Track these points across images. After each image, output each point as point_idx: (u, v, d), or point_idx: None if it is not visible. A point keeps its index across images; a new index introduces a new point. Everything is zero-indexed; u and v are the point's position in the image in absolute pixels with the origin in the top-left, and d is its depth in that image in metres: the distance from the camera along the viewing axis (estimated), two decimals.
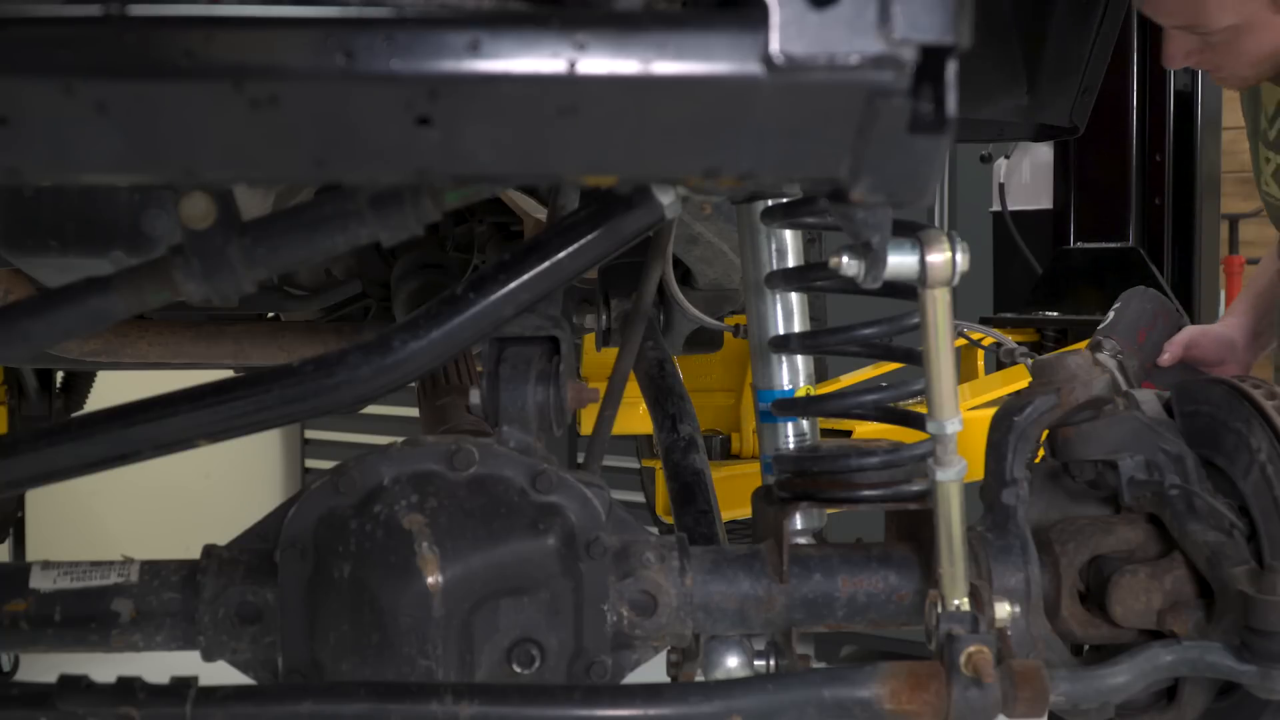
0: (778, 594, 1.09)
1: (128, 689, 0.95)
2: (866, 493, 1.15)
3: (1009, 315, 3.78)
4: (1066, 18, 2.10)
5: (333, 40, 0.65)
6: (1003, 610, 1.03)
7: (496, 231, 2.27)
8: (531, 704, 0.96)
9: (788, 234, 1.46)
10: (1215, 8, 1.90)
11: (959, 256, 0.92)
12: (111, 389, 2.30)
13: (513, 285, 1.00)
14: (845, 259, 0.92)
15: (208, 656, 1.07)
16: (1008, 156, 4.27)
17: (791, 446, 1.43)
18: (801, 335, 1.45)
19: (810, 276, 1.33)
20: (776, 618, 1.10)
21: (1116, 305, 2.20)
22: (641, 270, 1.52)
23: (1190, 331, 2.11)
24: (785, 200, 1.24)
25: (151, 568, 1.08)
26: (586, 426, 2.11)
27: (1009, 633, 1.04)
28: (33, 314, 0.91)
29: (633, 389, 1.61)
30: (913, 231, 0.92)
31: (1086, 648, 1.18)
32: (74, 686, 0.95)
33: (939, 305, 0.94)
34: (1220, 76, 2.06)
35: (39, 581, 1.06)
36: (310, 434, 6.24)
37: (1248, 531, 1.08)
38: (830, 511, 1.29)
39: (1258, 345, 2.28)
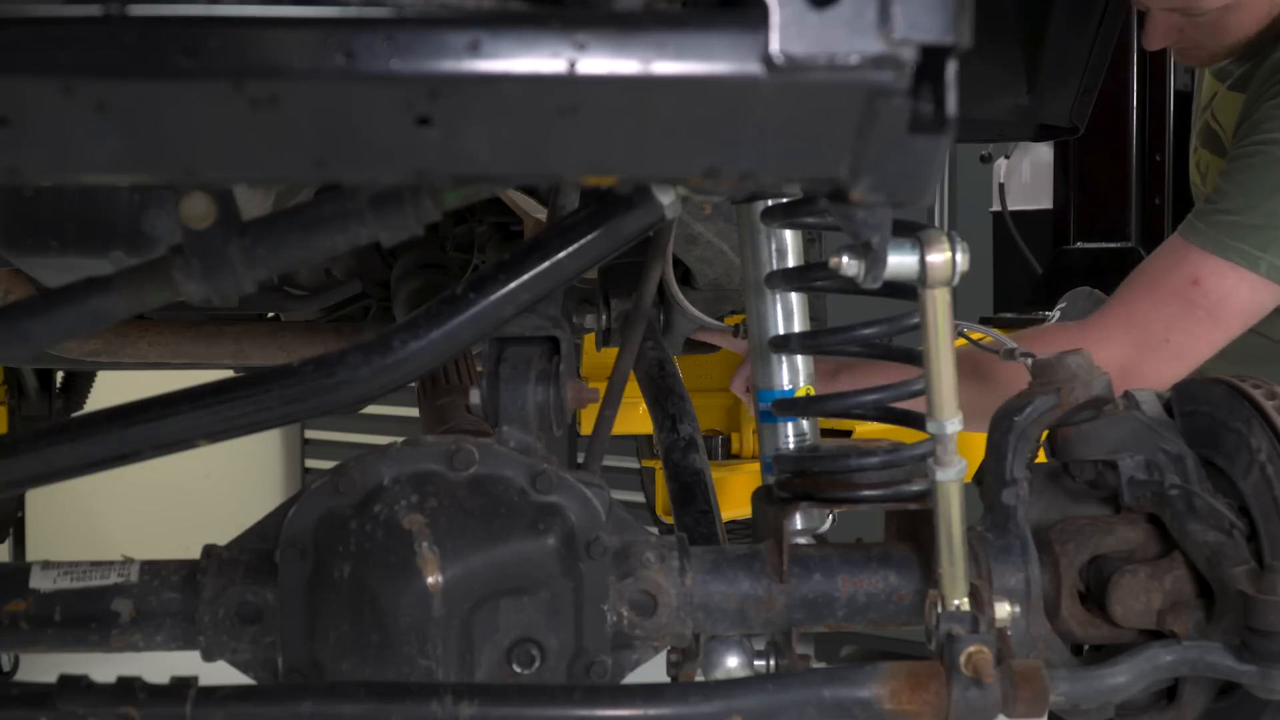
0: (778, 594, 1.09)
1: (128, 689, 0.95)
2: (866, 493, 1.15)
3: (1009, 315, 3.78)
4: (1066, 18, 2.10)
5: (333, 40, 0.65)
6: (1003, 610, 1.03)
7: (496, 231, 2.27)
8: (531, 704, 0.96)
9: (788, 234, 1.46)
10: None
11: (959, 256, 0.92)
12: (111, 389, 2.30)
13: (513, 285, 1.00)
14: (845, 259, 0.92)
15: (208, 656, 1.07)
16: (1008, 156, 4.27)
17: (791, 446, 1.43)
18: (801, 335, 1.45)
19: (810, 276, 1.33)
20: (776, 618, 1.10)
21: (1061, 305, 2.21)
22: (641, 270, 1.52)
23: None
24: (785, 200, 1.24)
25: (151, 568, 1.08)
26: (586, 426, 2.11)
27: (1009, 633, 1.04)
28: (33, 314, 0.91)
29: (633, 389, 1.61)
30: (913, 231, 0.92)
31: (1086, 648, 1.18)
32: (74, 686, 0.95)
33: (939, 305, 0.94)
34: (1189, 54, 2.06)
35: (39, 581, 1.06)
36: (310, 434, 6.25)
37: (1248, 531, 1.08)
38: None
39: None
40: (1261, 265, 1.81)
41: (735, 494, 2.66)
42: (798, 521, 1.41)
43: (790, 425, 1.45)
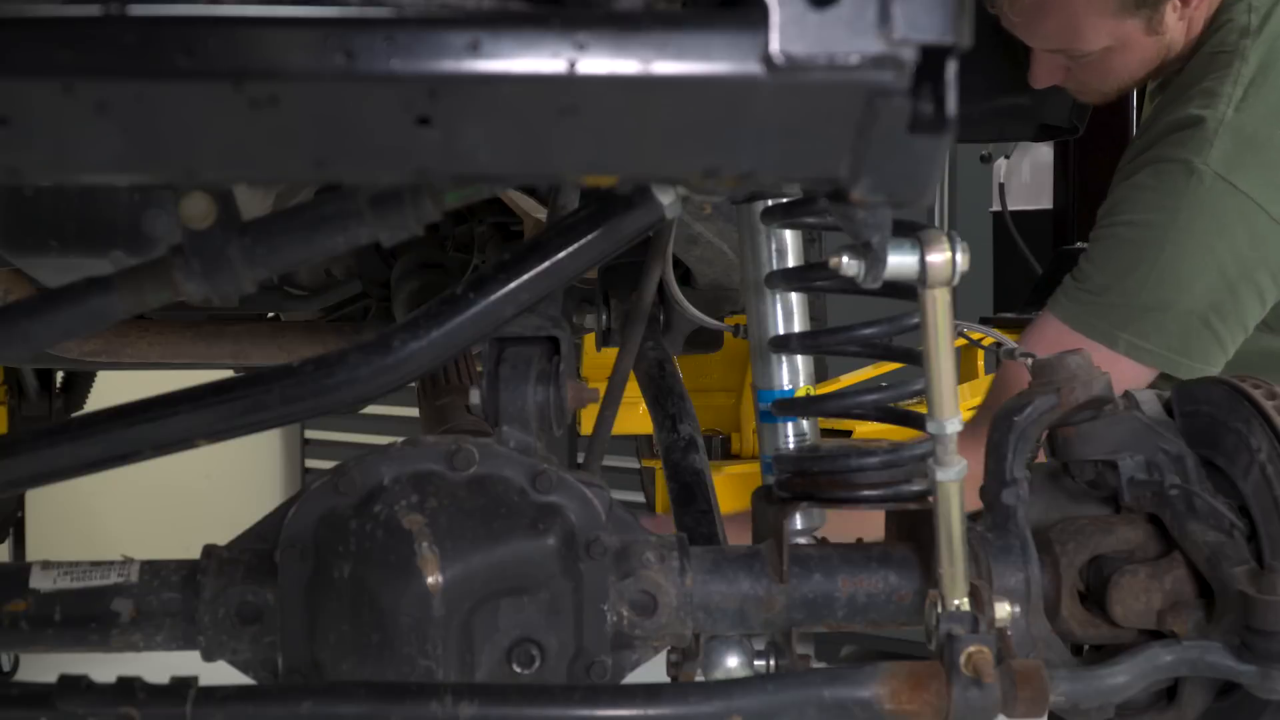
0: (778, 594, 1.09)
1: (128, 689, 0.95)
2: (866, 493, 1.15)
3: (1009, 315, 3.77)
4: None
5: (333, 40, 0.65)
6: (1003, 610, 1.03)
7: (496, 231, 2.27)
8: (531, 704, 0.96)
9: (788, 234, 1.46)
10: (1091, 32, 1.94)
11: (959, 256, 0.92)
12: (111, 389, 2.30)
13: (513, 285, 1.00)
14: (845, 259, 0.92)
15: (208, 656, 1.07)
16: (1008, 156, 4.26)
17: (791, 446, 1.43)
18: (801, 335, 1.45)
19: (810, 276, 1.33)
20: (776, 618, 1.10)
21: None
22: (641, 270, 1.52)
23: None
24: (785, 200, 1.24)
25: (151, 568, 1.08)
26: (586, 426, 2.11)
27: (1009, 633, 1.04)
28: (33, 314, 0.91)
29: (633, 389, 1.61)
30: (913, 231, 0.92)
31: (1086, 648, 1.18)
32: (74, 686, 0.95)
33: (939, 305, 0.94)
34: (1081, 92, 2.10)
35: (39, 581, 1.06)
36: (310, 434, 6.24)
37: (1248, 531, 1.08)
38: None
39: None
40: (1120, 344, 1.89)
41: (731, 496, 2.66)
42: (798, 521, 1.41)
43: (790, 425, 1.44)
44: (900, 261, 0.91)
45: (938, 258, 0.92)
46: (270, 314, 2.54)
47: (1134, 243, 1.89)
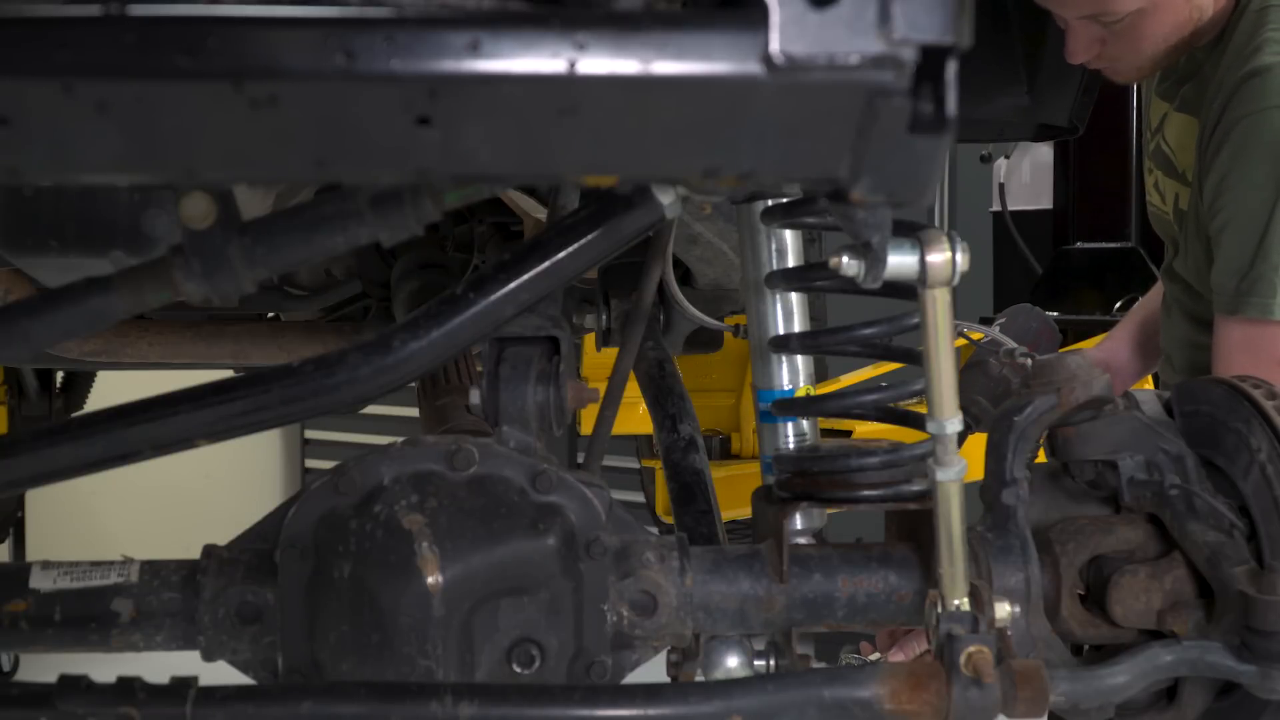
0: (778, 594, 1.09)
1: (128, 689, 0.95)
2: (866, 493, 1.15)
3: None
4: None
5: (333, 40, 0.65)
6: (1003, 610, 1.03)
7: (496, 231, 2.27)
8: (531, 704, 0.96)
9: (788, 234, 1.46)
10: None
11: (959, 256, 0.92)
12: (111, 389, 2.30)
13: (513, 285, 1.00)
14: (845, 259, 0.92)
15: (208, 656, 1.07)
16: (1008, 156, 4.27)
17: (791, 446, 1.43)
18: (801, 335, 1.45)
19: (810, 276, 1.33)
20: (776, 618, 1.10)
21: (1001, 320, 2.24)
22: (641, 270, 1.52)
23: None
24: (785, 200, 1.24)
25: (151, 568, 1.08)
26: (586, 426, 2.11)
27: (1009, 633, 1.04)
28: (33, 314, 0.91)
29: (633, 389, 1.61)
30: (913, 231, 0.93)
31: (1086, 648, 1.18)
32: (74, 686, 0.95)
33: (939, 305, 0.94)
34: (1116, 69, 2.08)
35: (39, 581, 1.06)
36: (310, 434, 6.25)
37: (1248, 531, 1.08)
38: (830, 511, 1.30)
39: (1137, 367, 2.33)
40: (1277, 310, 1.83)
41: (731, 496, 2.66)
42: (798, 521, 1.41)
43: (790, 425, 1.44)
44: (900, 261, 0.91)
45: (938, 258, 0.92)
46: (270, 314, 2.54)
47: (1250, 208, 1.86)
